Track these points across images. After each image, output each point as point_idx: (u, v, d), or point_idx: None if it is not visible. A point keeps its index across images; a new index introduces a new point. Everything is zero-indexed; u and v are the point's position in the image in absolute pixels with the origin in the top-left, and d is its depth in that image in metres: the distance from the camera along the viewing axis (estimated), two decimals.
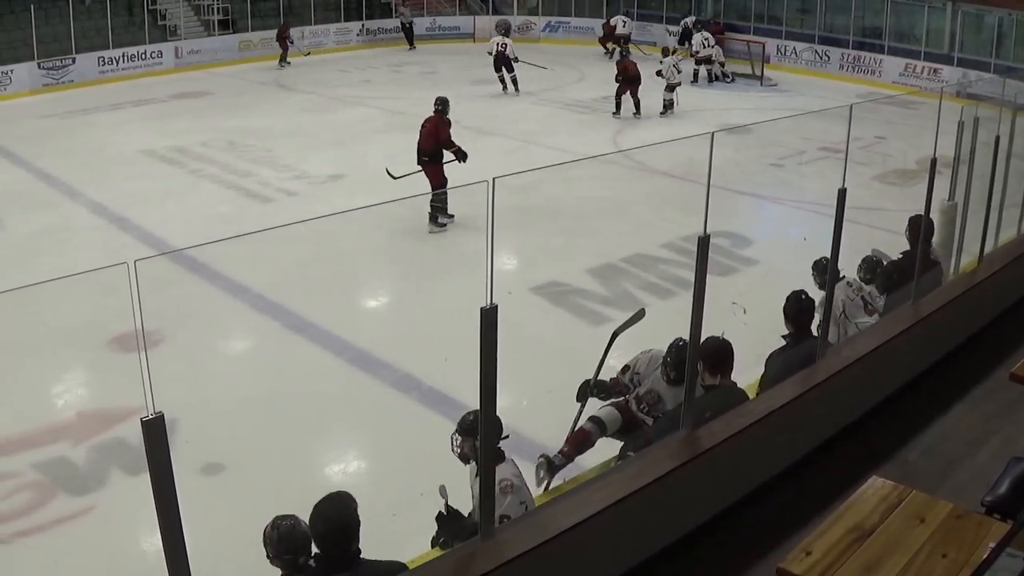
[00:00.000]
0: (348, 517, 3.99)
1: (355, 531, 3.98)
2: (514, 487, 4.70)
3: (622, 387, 6.35)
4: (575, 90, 23.57)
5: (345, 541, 3.96)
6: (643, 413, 6.11)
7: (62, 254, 11.51)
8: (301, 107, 21.41)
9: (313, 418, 7.81)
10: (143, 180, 15.16)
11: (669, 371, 6.00)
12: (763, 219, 14.21)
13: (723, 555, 4.83)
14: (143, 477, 3.06)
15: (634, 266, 11.22)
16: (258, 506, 6.49)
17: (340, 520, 3.97)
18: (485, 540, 3.95)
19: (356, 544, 3.99)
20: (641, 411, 6.12)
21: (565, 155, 16.10)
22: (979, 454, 5.66)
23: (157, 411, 2.91)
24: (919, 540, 3.51)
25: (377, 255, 11.90)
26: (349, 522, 3.97)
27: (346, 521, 3.97)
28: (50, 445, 7.42)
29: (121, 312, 2.80)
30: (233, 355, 9.55)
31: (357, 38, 30.70)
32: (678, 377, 5.83)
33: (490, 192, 3.43)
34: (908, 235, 7.52)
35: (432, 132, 12.92)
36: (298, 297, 10.20)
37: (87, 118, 20.36)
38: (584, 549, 4.25)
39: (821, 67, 26.11)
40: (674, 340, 5.98)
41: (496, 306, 3.61)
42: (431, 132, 12.93)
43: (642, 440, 5.75)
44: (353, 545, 3.98)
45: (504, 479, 4.61)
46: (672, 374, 5.96)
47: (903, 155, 15.98)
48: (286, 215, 12.95)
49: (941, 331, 6.84)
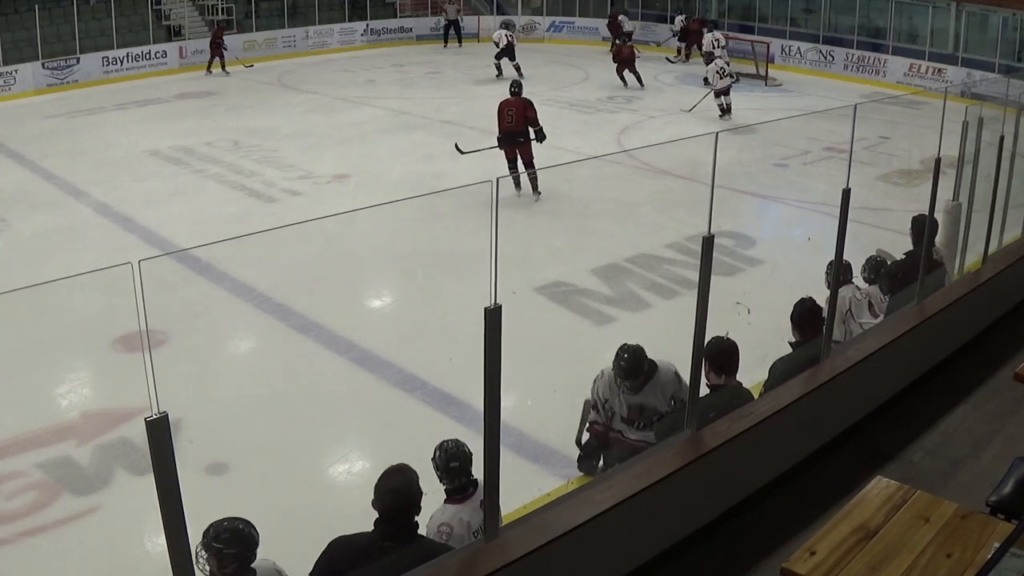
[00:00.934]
0: (413, 488, 4.13)
1: (418, 503, 4.13)
2: (452, 535, 4.53)
3: (599, 425, 6.13)
4: (579, 90, 23.56)
5: (408, 512, 4.09)
6: (615, 431, 6.02)
7: (67, 254, 11.51)
8: (306, 107, 21.41)
9: (317, 418, 7.81)
10: (148, 180, 15.16)
11: (621, 383, 5.85)
12: (767, 219, 14.20)
13: (727, 555, 4.83)
14: (147, 477, 3.07)
15: (638, 266, 11.20)
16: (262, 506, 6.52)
17: (406, 491, 4.11)
18: (489, 540, 3.96)
19: (416, 516, 4.13)
20: (613, 430, 6.02)
21: (569, 155, 16.08)
22: (983, 454, 5.67)
23: (161, 411, 2.91)
24: (923, 540, 3.51)
25: (382, 255, 11.90)
26: (414, 493, 4.12)
27: (412, 492, 4.12)
28: (55, 445, 7.41)
29: (126, 312, 2.80)
30: (238, 355, 9.56)
31: (361, 38, 30.69)
32: (633, 386, 5.78)
33: (494, 192, 3.43)
34: (912, 234, 7.51)
35: (522, 113, 13.81)
36: (303, 297, 10.20)
37: (92, 118, 20.37)
38: (588, 549, 4.25)
39: (825, 67, 26.08)
40: (619, 348, 5.86)
41: (500, 306, 3.62)
42: (521, 114, 13.81)
43: (627, 451, 5.68)
44: (414, 516, 4.12)
45: (444, 523, 4.56)
46: (626, 384, 5.82)
47: (907, 155, 15.96)
48: (291, 215, 12.96)
49: (945, 331, 6.84)
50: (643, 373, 5.73)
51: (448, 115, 19.57)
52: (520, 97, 14.08)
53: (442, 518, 4.55)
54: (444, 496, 4.71)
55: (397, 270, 11.72)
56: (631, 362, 5.71)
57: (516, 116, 13.81)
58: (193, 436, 6.79)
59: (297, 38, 29.20)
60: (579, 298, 10.30)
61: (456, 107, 20.99)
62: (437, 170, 15.30)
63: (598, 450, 6.07)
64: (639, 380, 5.74)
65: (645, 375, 5.74)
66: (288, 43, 28.88)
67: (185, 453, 4.96)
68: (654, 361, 5.76)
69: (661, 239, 12.01)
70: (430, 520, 4.52)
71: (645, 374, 5.74)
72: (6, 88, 22.73)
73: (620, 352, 5.79)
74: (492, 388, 3.75)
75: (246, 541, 4.21)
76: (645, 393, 5.76)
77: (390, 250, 11.89)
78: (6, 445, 7.32)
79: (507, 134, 13.91)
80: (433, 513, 4.57)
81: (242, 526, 4.24)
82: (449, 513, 4.58)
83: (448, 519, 4.53)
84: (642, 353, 5.72)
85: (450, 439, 4.80)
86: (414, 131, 18.80)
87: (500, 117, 14.01)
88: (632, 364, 5.71)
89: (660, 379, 5.74)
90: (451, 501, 4.64)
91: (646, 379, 5.74)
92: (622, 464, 4.94)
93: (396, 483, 4.13)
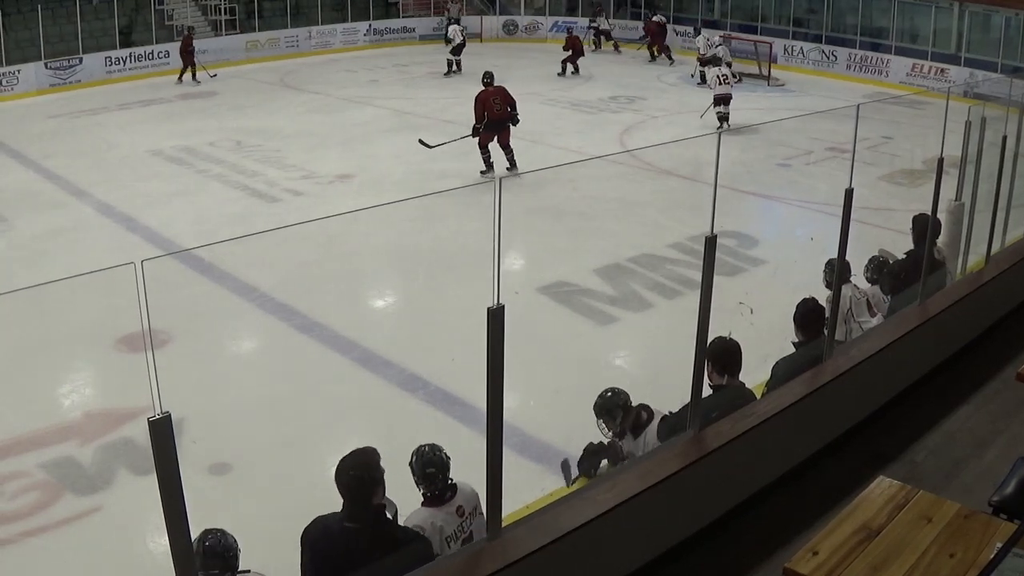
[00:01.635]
0: (370, 469, 4.07)
1: (377, 484, 4.06)
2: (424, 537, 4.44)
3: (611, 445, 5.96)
4: (582, 90, 23.55)
5: (366, 493, 4.03)
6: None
7: (69, 254, 11.52)
8: (308, 107, 21.42)
9: (320, 418, 7.81)
10: (151, 180, 15.17)
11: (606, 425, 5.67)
12: (770, 219, 14.20)
13: (730, 555, 4.83)
14: (150, 477, 3.07)
15: (641, 266, 11.21)
16: (265, 506, 6.54)
17: (361, 471, 4.05)
18: (492, 540, 3.96)
19: (379, 499, 4.07)
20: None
21: (572, 155, 16.11)
22: (986, 454, 5.66)
23: (164, 411, 2.91)
24: (926, 540, 3.51)
25: (384, 255, 11.91)
26: (371, 474, 4.05)
27: (367, 473, 4.05)
28: (57, 445, 7.42)
29: (128, 312, 2.80)
30: (240, 355, 9.57)
31: (364, 38, 30.71)
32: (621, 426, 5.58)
33: (497, 192, 3.43)
34: (913, 234, 7.51)
35: (506, 100, 14.97)
36: (305, 297, 10.21)
37: (95, 118, 20.39)
38: (591, 549, 4.25)
39: (828, 67, 26.07)
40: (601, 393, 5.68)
41: (503, 306, 3.62)
42: (505, 100, 14.96)
43: (619, 454, 5.63)
44: (375, 499, 4.06)
45: (417, 525, 4.49)
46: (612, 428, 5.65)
47: (910, 155, 15.95)
48: (293, 215, 12.97)
49: (948, 331, 6.83)
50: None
51: (451, 115, 19.55)
52: (498, 86, 15.28)
53: (415, 519, 4.49)
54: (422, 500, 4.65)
55: (400, 270, 11.73)
56: None
57: (503, 103, 14.90)
58: (196, 436, 6.80)
59: (300, 38, 29.21)
60: (582, 298, 10.31)
61: (459, 107, 20.90)
62: (440, 170, 15.29)
63: (599, 454, 6.02)
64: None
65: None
66: (291, 43, 28.89)
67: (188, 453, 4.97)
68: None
69: (664, 239, 12.01)
70: (405, 520, 4.48)
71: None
72: (9, 88, 22.74)
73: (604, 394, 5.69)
74: (495, 388, 3.75)
75: (222, 555, 4.22)
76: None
77: (393, 250, 11.89)
78: (8, 445, 7.33)
79: (497, 120, 14.87)
80: (409, 514, 4.52)
81: (221, 537, 4.25)
82: (422, 516, 4.52)
83: (420, 521, 4.46)
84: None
85: (427, 444, 4.73)
86: (417, 131, 18.72)
87: (487, 106, 14.85)
88: None
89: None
90: (427, 504, 4.59)
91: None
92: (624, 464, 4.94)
93: (352, 463, 4.09)
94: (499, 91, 15.10)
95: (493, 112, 14.82)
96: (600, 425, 5.56)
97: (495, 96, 14.97)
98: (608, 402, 5.55)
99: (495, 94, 15.02)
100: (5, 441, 7.37)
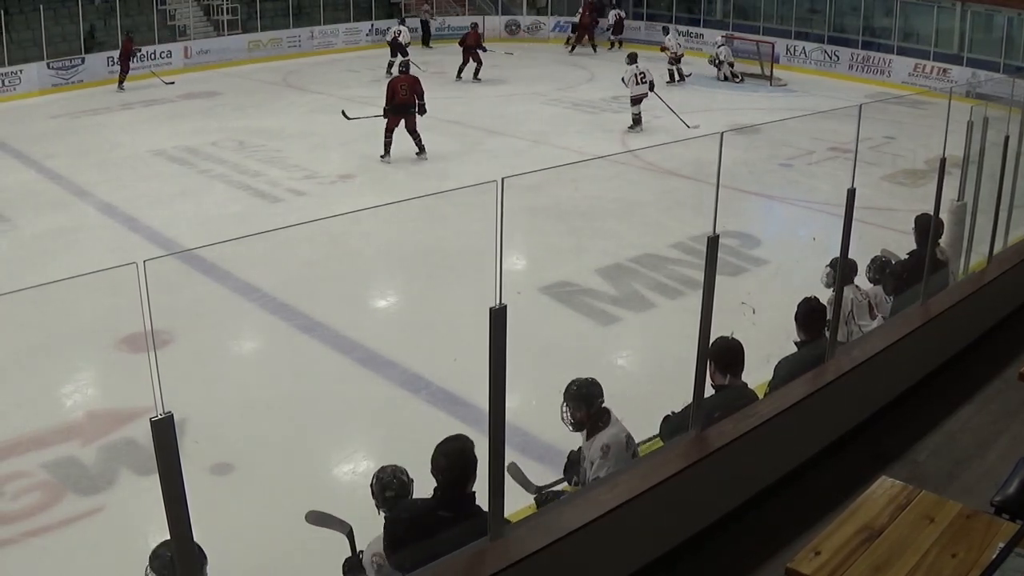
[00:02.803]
0: (468, 456, 4.17)
1: (472, 471, 4.15)
2: (384, 567, 4.34)
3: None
4: (584, 90, 23.56)
5: (463, 479, 4.14)
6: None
7: (71, 254, 11.53)
8: (311, 107, 21.41)
9: (322, 418, 7.82)
10: (153, 180, 15.18)
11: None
12: (772, 219, 14.20)
13: (732, 555, 4.83)
14: (152, 477, 3.07)
15: (643, 266, 11.21)
16: (267, 506, 6.54)
17: (459, 458, 4.16)
18: (494, 540, 3.96)
19: (471, 486, 4.16)
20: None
21: (574, 155, 16.11)
22: (988, 454, 5.66)
23: (166, 411, 2.91)
24: (928, 540, 3.51)
25: (386, 255, 11.92)
26: (468, 461, 4.16)
27: (465, 460, 4.16)
28: (59, 445, 7.42)
29: (130, 312, 2.80)
30: (242, 355, 9.57)
31: (367, 38, 30.71)
32: (581, 418, 5.28)
33: (499, 192, 3.43)
34: (915, 234, 7.51)
35: (413, 88, 16.22)
36: (307, 297, 10.21)
37: (97, 118, 20.41)
38: (593, 549, 4.25)
39: (830, 67, 26.07)
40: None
41: (505, 306, 3.62)
42: (412, 88, 16.20)
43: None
44: (469, 486, 4.15)
45: (377, 553, 4.40)
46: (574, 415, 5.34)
47: (912, 155, 15.95)
48: (296, 215, 12.98)
49: (950, 331, 6.83)
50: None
51: (453, 115, 19.56)
52: (410, 75, 16.82)
53: (377, 547, 4.37)
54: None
55: (402, 270, 11.73)
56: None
57: (409, 90, 16.15)
58: (198, 436, 6.81)
59: (302, 38, 29.23)
60: (584, 298, 10.31)
61: (461, 107, 20.99)
62: (441, 170, 15.30)
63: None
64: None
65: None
66: (293, 43, 28.91)
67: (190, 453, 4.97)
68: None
69: (666, 239, 12.02)
70: (367, 548, 4.41)
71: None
72: (11, 88, 22.77)
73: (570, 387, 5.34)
74: (497, 388, 3.75)
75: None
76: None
77: (395, 250, 11.91)
78: (11, 445, 7.34)
79: (400, 105, 16.07)
80: (371, 541, 4.42)
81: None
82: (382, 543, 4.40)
83: (381, 549, 4.34)
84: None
85: (388, 465, 4.66)
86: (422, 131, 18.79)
87: (395, 91, 16.09)
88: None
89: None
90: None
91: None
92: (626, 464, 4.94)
93: (451, 448, 4.19)
94: (408, 79, 16.45)
95: (399, 97, 16.01)
96: (564, 409, 5.25)
97: (403, 83, 16.24)
98: (583, 389, 5.24)
99: (404, 81, 16.33)
100: (7, 441, 7.38)
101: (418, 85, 16.37)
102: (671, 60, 24.42)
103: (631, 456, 5.11)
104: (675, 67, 24.49)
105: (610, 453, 5.02)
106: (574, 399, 5.23)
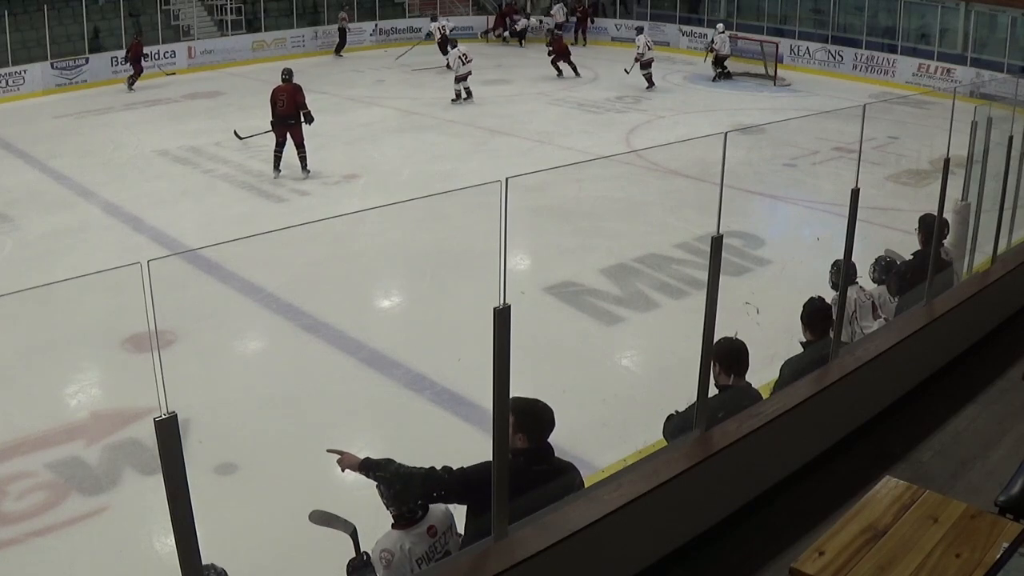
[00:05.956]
0: (550, 413, 4.37)
1: (552, 427, 4.36)
2: (392, 562, 4.29)
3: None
4: (588, 90, 23.55)
5: (548, 431, 4.34)
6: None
7: (76, 254, 11.55)
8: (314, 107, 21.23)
9: (326, 418, 7.82)
10: (157, 180, 15.21)
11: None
12: (776, 219, 14.19)
13: (736, 555, 4.83)
14: (156, 477, 3.07)
15: (647, 266, 11.20)
16: (271, 506, 6.55)
17: (544, 412, 4.37)
18: (499, 540, 3.96)
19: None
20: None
21: (578, 155, 16.11)
22: (992, 454, 5.65)
23: (170, 411, 2.91)
24: (932, 540, 3.51)
25: (390, 255, 11.92)
26: (551, 417, 4.36)
27: (550, 416, 4.36)
28: (64, 445, 7.44)
29: (135, 312, 2.81)
30: (247, 355, 9.58)
31: (370, 38, 30.74)
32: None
33: (503, 192, 3.43)
34: (919, 234, 7.50)
35: (292, 98, 15.18)
36: (311, 297, 10.22)
37: (100, 118, 20.44)
38: (597, 549, 4.25)
39: (834, 67, 26.05)
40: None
41: (509, 306, 3.61)
42: (291, 99, 15.17)
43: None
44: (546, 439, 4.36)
45: (386, 550, 4.38)
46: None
47: (916, 155, 15.95)
48: (300, 215, 12.99)
49: (954, 331, 6.82)
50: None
51: (456, 115, 19.59)
52: (291, 83, 15.39)
53: (385, 543, 4.34)
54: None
55: (406, 270, 11.74)
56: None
57: (287, 101, 15.15)
58: (202, 436, 6.81)
59: (306, 38, 29.26)
60: (588, 298, 10.31)
61: (465, 107, 21.01)
62: (446, 170, 15.32)
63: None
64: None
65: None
66: (297, 43, 28.94)
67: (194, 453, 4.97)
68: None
69: (670, 239, 12.02)
70: (375, 545, 4.41)
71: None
72: (15, 88, 22.81)
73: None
74: (501, 388, 3.75)
75: None
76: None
77: (399, 250, 11.91)
78: (15, 445, 7.35)
79: (280, 117, 15.18)
80: (379, 538, 4.39)
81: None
82: (392, 539, 4.36)
83: (390, 545, 4.32)
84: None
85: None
86: (423, 131, 18.82)
87: (273, 103, 15.24)
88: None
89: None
90: (397, 526, 4.41)
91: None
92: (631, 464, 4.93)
93: (526, 406, 4.31)
94: (286, 88, 15.29)
95: (277, 108, 15.19)
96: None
97: (282, 94, 15.25)
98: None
99: (283, 91, 15.27)
100: (12, 441, 7.39)
101: (299, 94, 15.35)
102: (642, 64, 23.28)
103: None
104: (646, 72, 23.36)
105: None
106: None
